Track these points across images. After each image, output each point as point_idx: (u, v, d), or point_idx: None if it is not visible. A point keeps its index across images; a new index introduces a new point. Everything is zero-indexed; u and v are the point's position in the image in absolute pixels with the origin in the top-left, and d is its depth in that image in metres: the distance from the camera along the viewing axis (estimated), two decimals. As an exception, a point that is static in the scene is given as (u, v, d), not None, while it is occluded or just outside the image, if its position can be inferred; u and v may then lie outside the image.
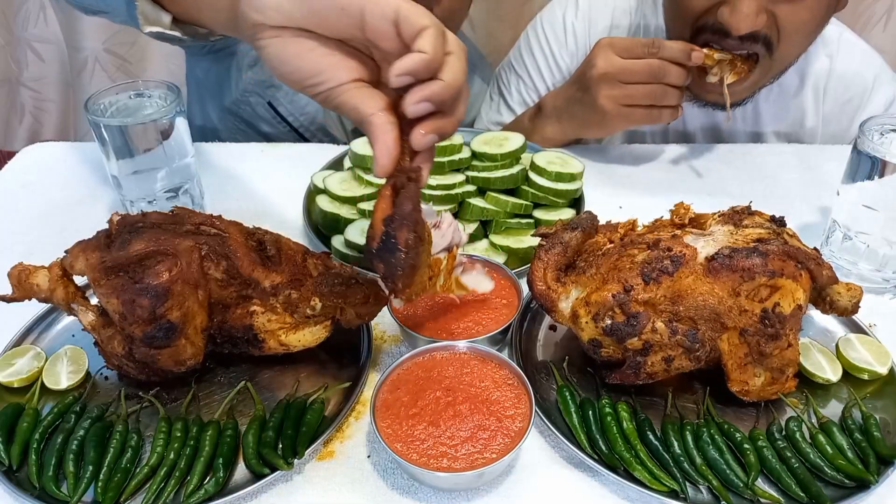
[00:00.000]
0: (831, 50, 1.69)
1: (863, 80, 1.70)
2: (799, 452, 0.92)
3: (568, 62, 1.76)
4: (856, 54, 1.70)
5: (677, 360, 0.95)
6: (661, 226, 1.04)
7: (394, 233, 0.83)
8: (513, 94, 1.82)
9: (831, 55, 1.68)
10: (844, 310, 1.02)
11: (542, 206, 1.36)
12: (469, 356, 0.99)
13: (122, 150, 1.26)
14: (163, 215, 0.99)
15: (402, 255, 0.83)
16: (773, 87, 1.63)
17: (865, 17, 2.46)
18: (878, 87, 1.70)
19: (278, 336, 0.99)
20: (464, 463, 0.86)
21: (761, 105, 1.71)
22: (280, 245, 1.00)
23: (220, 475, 0.88)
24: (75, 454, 0.90)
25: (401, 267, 0.84)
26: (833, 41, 1.69)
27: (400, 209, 0.84)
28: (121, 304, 0.90)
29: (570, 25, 1.75)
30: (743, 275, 0.92)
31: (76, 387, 1.01)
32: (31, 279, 0.98)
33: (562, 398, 0.98)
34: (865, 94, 1.70)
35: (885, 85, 1.71)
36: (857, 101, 1.71)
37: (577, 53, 1.75)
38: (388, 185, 0.86)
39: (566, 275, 1.00)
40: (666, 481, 0.88)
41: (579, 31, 1.74)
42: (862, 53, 1.71)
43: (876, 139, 1.14)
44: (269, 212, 1.43)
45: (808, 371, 1.03)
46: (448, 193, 1.32)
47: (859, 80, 1.70)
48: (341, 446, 0.96)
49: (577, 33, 1.74)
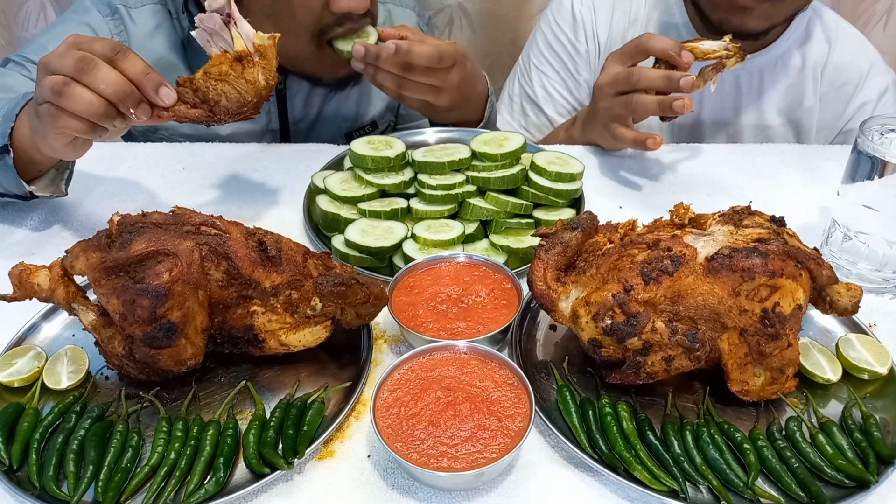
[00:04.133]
0: (831, 37, 1.75)
1: (858, 68, 1.76)
2: (799, 452, 0.92)
3: (586, 44, 1.81)
4: (853, 43, 1.77)
5: (677, 360, 0.95)
6: (661, 226, 1.04)
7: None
8: (536, 91, 1.86)
9: (830, 41, 1.75)
10: (844, 310, 1.02)
11: (542, 206, 1.36)
12: (469, 356, 0.99)
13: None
14: (163, 215, 0.99)
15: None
16: (778, 65, 1.73)
17: (865, 17, 2.46)
18: (871, 76, 1.76)
19: (279, 336, 0.99)
20: (464, 463, 0.86)
21: (766, 82, 1.76)
22: (280, 245, 1.00)
23: (221, 475, 0.88)
24: (76, 454, 0.90)
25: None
26: (832, 29, 1.75)
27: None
28: (121, 305, 0.90)
29: (579, 13, 1.80)
30: (743, 275, 0.92)
31: (76, 386, 1.01)
32: (32, 279, 0.98)
33: (562, 398, 0.98)
34: (860, 81, 1.77)
35: (879, 75, 1.77)
36: (851, 87, 1.77)
37: (588, 37, 1.80)
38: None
39: (566, 275, 1.00)
40: (666, 481, 0.88)
41: (587, 18, 1.80)
42: (859, 42, 1.78)
43: (876, 139, 1.14)
44: (269, 212, 1.43)
45: (808, 371, 1.03)
46: (448, 193, 1.32)
47: (854, 67, 1.76)
48: (341, 446, 0.96)
49: (584, 20, 1.80)
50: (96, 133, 1.10)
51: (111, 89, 1.04)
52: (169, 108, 1.11)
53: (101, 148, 1.26)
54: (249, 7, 1.44)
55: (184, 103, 1.13)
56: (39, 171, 1.29)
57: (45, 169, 1.30)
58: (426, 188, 1.33)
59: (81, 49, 1.05)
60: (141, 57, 1.09)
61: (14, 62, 1.50)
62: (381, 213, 1.30)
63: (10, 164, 1.22)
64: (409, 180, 1.37)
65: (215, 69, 1.15)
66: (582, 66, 1.83)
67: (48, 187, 1.31)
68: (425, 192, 1.32)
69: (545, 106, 1.85)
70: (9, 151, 1.21)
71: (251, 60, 1.16)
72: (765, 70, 1.74)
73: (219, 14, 1.14)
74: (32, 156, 1.23)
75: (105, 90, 1.04)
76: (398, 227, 1.28)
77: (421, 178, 1.36)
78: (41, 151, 1.18)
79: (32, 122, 1.14)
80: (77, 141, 1.12)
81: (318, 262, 1.03)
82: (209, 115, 1.14)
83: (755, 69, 1.74)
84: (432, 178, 1.34)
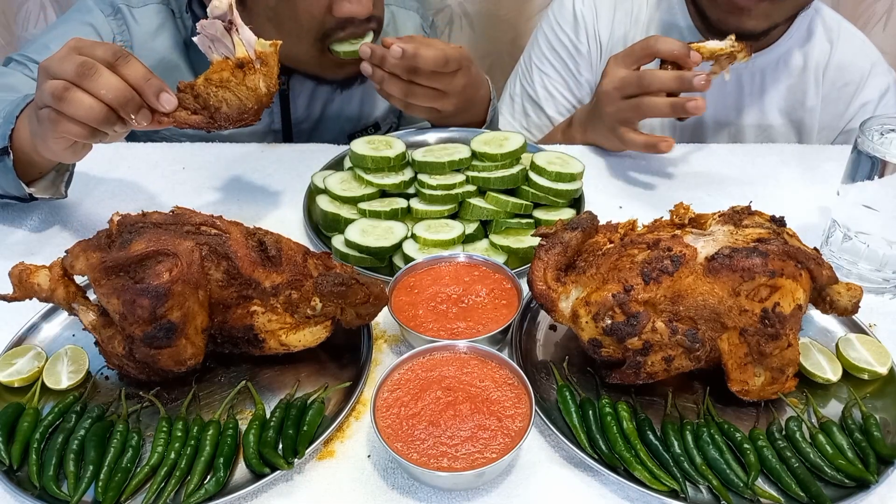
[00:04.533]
0: (832, 36, 1.76)
1: (859, 68, 1.77)
2: (799, 452, 0.92)
3: (588, 44, 1.81)
4: (855, 43, 1.78)
5: (677, 360, 0.95)
6: (661, 226, 1.04)
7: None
8: (538, 92, 1.86)
9: (832, 41, 1.75)
10: (844, 310, 1.02)
11: (542, 206, 1.36)
12: (469, 356, 0.99)
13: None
14: (163, 215, 0.99)
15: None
16: (780, 64, 1.74)
17: (865, 17, 2.46)
18: (873, 76, 1.77)
19: (279, 336, 0.99)
20: (464, 462, 0.86)
21: (767, 82, 1.77)
22: (280, 245, 1.00)
23: (221, 475, 0.88)
24: (76, 454, 0.90)
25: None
26: (834, 29, 1.76)
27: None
28: (121, 305, 0.90)
29: (580, 14, 1.80)
30: (743, 275, 0.92)
31: (77, 386, 1.01)
32: (32, 279, 0.98)
33: (562, 398, 0.98)
34: (861, 82, 1.77)
35: (881, 76, 1.78)
36: (852, 87, 1.77)
37: (590, 36, 1.81)
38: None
39: (566, 275, 1.00)
40: (666, 481, 0.88)
41: (588, 18, 1.80)
42: (861, 42, 1.79)
43: (876, 139, 1.14)
44: (269, 212, 1.43)
45: (808, 371, 1.03)
46: (448, 193, 1.32)
47: (856, 67, 1.77)
48: (342, 446, 0.96)
49: (586, 20, 1.80)
50: (96, 138, 1.10)
51: (112, 95, 1.04)
52: (169, 114, 1.12)
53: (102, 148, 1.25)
54: (253, 10, 1.44)
55: (184, 109, 1.14)
56: (39, 173, 1.29)
57: (44, 171, 1.30)
58: (426, 188, 1.33)
59: (83, 54, 1.05)
60: (142, 62, 1.09)
61: (16, 61, 1.50)
62: (381, 213, 1.30)
63: (9, 166, 1.23)
64: (409, 180, 1.37)
65: (216, 75, 1.15)
66: (583, 66, 1.83)
67: (48, 189, 1.31)
68: (425, 192, 1.32)
69: (546, 106, 1.85)
70: (9, 154, 1.22)
71: (252, 67, 1.16)
72: (766, 70, 1.74)
73: (220, 20, 1.14)
74: (32, 158, 1.23)
75: (106, 95, 1.04)
76: (398, 227, 1.28)
77: (421, 178, 1.36)
78: (41, 154, 1.18)
79: (32, 125, 1.14)
80: (77, 145, 1.12)
81: (318, 262, 1.03)
82: (209, 122, 1.15)
83: (757, 69, 1.75)
84: (432, 178, 1.34)
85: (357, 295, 1.00)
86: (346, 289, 0.98)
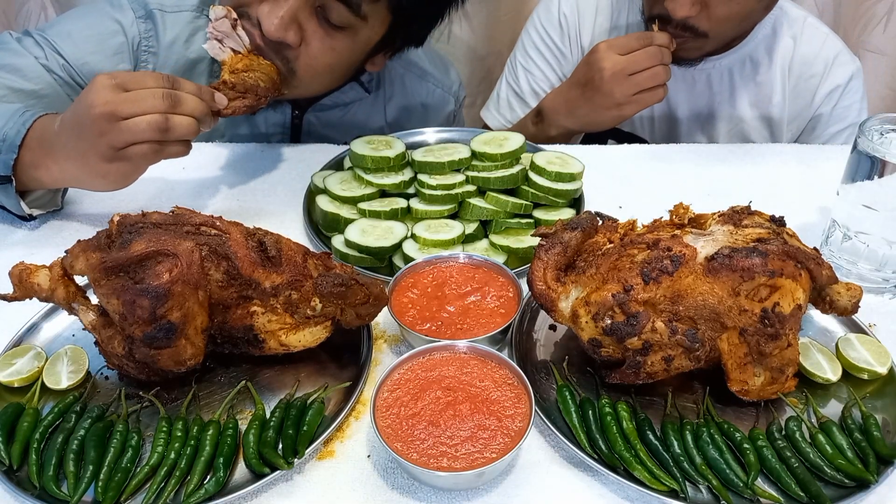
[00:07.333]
0: (795, 31, 1.81)
1: (823, 59, 1.82)
2: (799, 452, 0.92)
3: (570, 49, 1.92)
4: (818, 36, 1.82)
5: (677, 360, 0.95)
6: (660, 226, 1.04)
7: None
8: (523, 88, 1.96)
9: (795, 37, 1.81)
10: (844, 309, 1.02)
11: (542, 206, 1.36)
12: (469, 356, 0.99)
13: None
14: (163, 215, 0.99)
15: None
16: (747, 63, 1.82)
17: (866, 19, 2.45)
18: (837, 66, 1.81)
19: (279, 336, 0.99)
20: (464, 462, 0.86)
21: (736, 80, 1.83)
22: (280, 245, 1.00)
23: (221, 475, 0.88)
24: (75, 454, 0.90)
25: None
26: (798, 23, 1.81)
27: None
28: (121, 305, 0.90)
29: (563, 16, 1.90)
30: (743, 274, 0.92)
31: (76, 386, 1.01)
32: (32, 278, 0.98)
33: (562, 398, 0.98)
34: (825, 71, 1.82)
35: (844, 64, 1.82)
36: (817, 78, 1.83)
37: (572, 41, 1.91)
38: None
39: (566, 275, 1.00)
40: (666, 481, 0.88)
41: (570, 20, 1.90)
42: (824, 36, 1.83)
43: (876, 139, 1.14)
44: (269, 212, 1.43)
45: (807, 371, 1.03)
46: (448, 193, 1.32)
47: (820, 59, 1.82)
48: (341, 446, 0.96)
49: (568, 22, 1.90)
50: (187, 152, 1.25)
51: (198, 112, 1.19)
52: (224, 109, 1.27)
53: (102, 148, 1.26)
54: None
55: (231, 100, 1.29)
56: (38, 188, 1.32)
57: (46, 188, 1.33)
58: (426, 188, 1.33)
59: (137, 86, 1.15)
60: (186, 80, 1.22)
61: (35, 41, 1.46)
62: (381, 213, 1.30)
63: (12, 192, 1.26)
64: (408, 180, 1.37)
65: (239, 65, 1.32)
66: (567, 67, 1.92)
67: (47, 204, 1.36)
68: (425, 192, 1.32)
69: (531, 101, 1.94)
70: (11, 181, 1.24)
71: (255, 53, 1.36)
72: (734, 69, 1.81)
73: (227, 19, 1.34)
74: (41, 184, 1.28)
75: (193, 112, 1.18)
76: (398, 227, 1.28)
77: (421, 178, 1.36)
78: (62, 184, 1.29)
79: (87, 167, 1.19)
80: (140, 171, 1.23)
81: (318, 263, 1.03)
82: (257, 99, 1.32)
83: (724, 69, 1.81)
84: (432, 178, 1.34)
85: (357, 295, 1.00)
86: (346, 289, 0.98)
